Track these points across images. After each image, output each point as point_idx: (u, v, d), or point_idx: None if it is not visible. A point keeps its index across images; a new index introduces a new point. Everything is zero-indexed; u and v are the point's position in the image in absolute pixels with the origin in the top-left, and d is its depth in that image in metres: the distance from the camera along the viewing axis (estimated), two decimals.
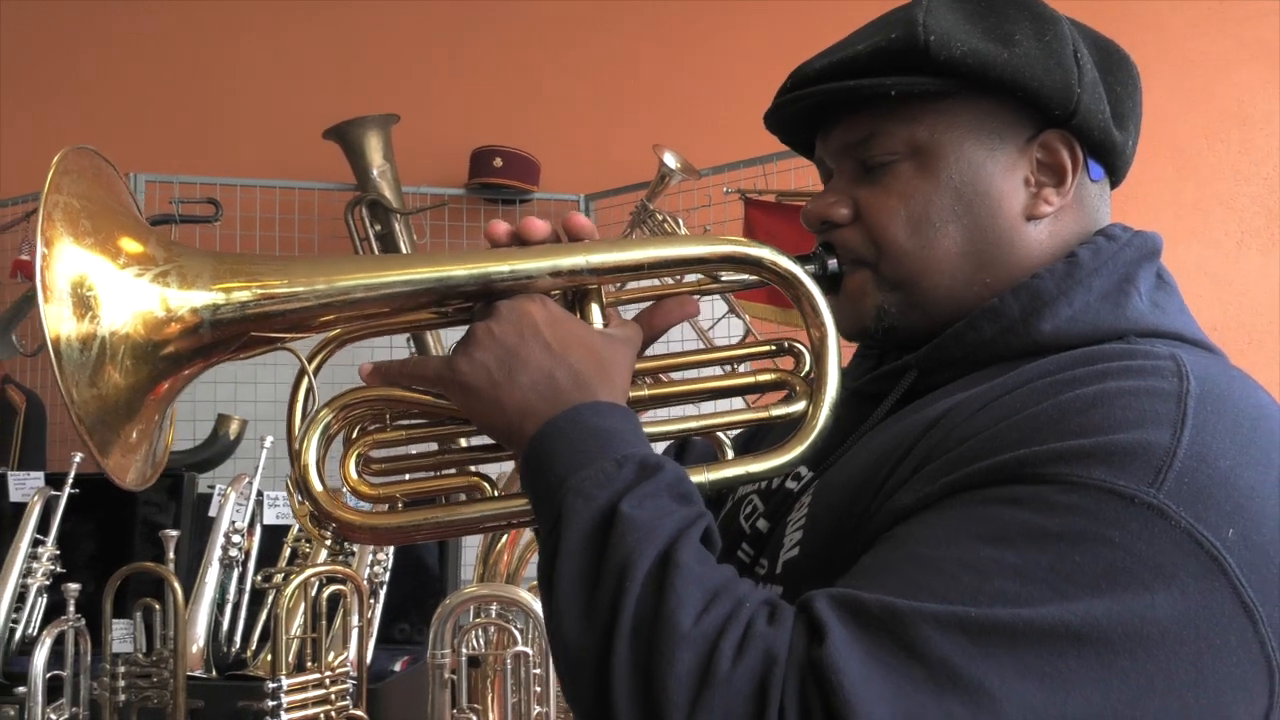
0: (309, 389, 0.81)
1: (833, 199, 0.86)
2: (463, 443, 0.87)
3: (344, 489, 0.82)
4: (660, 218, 3.09)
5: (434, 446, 0.86)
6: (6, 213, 3.31)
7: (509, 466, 0.87)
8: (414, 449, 0.85)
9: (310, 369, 0.81)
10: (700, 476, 0.78)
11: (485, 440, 0.83)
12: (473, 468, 0.85)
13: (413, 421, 0.83)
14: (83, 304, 0.69)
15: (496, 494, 0.82)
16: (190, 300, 0.74)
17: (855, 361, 0.96)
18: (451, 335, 1.12)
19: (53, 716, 1.88)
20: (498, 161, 3.44)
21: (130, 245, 0.73)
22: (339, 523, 0.78)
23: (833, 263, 0.85)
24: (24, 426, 2.95)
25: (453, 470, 0.86)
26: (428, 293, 0.79)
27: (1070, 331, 0.77)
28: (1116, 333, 0.77)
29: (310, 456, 0.78)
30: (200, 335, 0.75)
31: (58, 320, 0.68)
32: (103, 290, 0.70)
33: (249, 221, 3.33)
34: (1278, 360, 3.26)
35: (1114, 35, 0.86)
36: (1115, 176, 0.87)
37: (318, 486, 0.78)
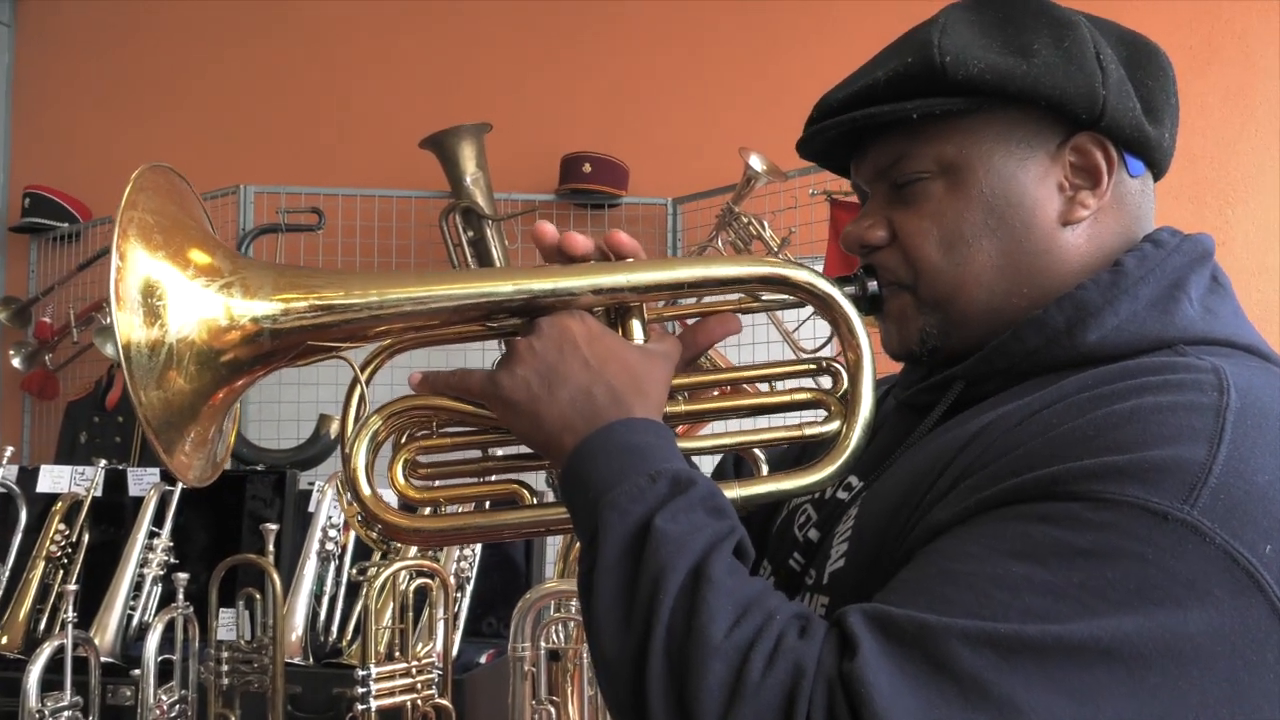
0: (361, 396, 0.84)
1: (868, 222, 0.85)
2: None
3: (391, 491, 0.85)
4: (746, 220, 3.07)
5: (478, 454, 0.88)
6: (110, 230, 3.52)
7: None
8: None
9: (363, 377, 0.84)
10: (733, 492, 0.79)
11: (526, 449, 0.84)
12: (511, 475, 0.87)
13: (458, 430, 0.85)
14: (152, 312, 0.73)
15: (534, 501, 0.84)
16: (252, 310, 0.77)
17: (905, 372, 0.94)
18: None
19: (164, 697, 1.94)
20: (587, 167, 3.48)
21: (199, 257, 0.76)
22: (385, 524, 0.81)
23: (873, 285, 0.84)
24: None
25: (495, 477, 0.88)
26: (474, 308, 0.81)
27: (1116, 341, 0.75)
28: (1164, 342, 0.75)
29: (360, 460, 0.81)
30: (260, 343, 0.78)
31: (129, 327, 0.72)
32: (171, 300, 0.74)
33: (349, 229, 3.45)
34: None
35: None
36: (1156, 170, 0.84)
37: (365, 489, 0.81)
